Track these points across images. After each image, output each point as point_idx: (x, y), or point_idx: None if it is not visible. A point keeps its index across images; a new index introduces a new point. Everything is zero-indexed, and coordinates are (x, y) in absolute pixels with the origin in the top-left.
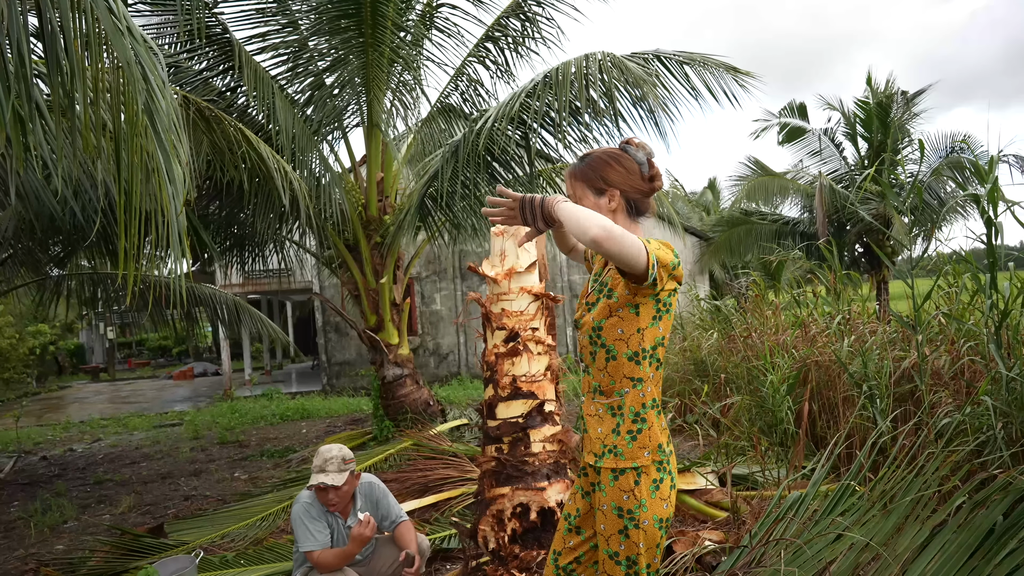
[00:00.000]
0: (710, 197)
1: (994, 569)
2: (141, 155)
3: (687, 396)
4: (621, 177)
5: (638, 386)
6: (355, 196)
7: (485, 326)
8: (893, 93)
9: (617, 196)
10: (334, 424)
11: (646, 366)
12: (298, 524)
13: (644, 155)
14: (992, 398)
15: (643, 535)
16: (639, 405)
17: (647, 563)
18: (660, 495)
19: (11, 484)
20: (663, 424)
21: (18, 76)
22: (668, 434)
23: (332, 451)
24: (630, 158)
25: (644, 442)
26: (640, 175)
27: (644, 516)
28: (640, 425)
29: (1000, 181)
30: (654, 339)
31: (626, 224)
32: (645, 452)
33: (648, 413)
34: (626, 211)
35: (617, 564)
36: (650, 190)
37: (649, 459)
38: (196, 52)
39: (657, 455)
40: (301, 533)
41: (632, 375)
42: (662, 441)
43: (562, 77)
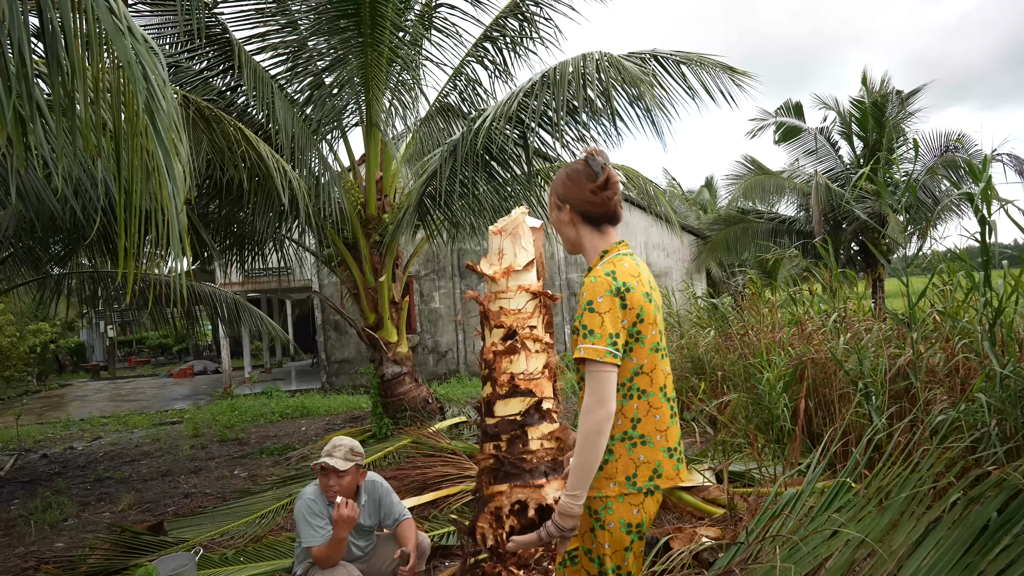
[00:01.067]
0: (707, 196)
1: (988, 565)
2: (141, 154)
3: (684, 393)
4: (571, 191)
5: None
6: (354, 195)
7: (483, 324)
8: (888, 92)
9: (568, 209)
10: (333, 422)
11: (617, 399)
12: (300, 520)
13: (599, 164)
14: (986, 395)
15: (608, 536)
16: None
17: (616, 564)
18: (630, 500)
19: (11, 482)
20: (638, 457)
21: (19, 76)
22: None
23: (343, 440)
24: (581, 171)
25: (610, 473)
26: (587, 187)
27: (610, 519)
28: (607, 456)
29: (994, 180)
30: (628, 371)
31: (588, 233)
32: (611, 484)
33: (617, 445)
34: (583, 221)
35: (591, 560)
36: (601, 200)
37: (615, 491)
38: (196, 52)
39: (625, 487)
40: (303, 528)
41: None
42: (637, 472)
43: (560, 77)
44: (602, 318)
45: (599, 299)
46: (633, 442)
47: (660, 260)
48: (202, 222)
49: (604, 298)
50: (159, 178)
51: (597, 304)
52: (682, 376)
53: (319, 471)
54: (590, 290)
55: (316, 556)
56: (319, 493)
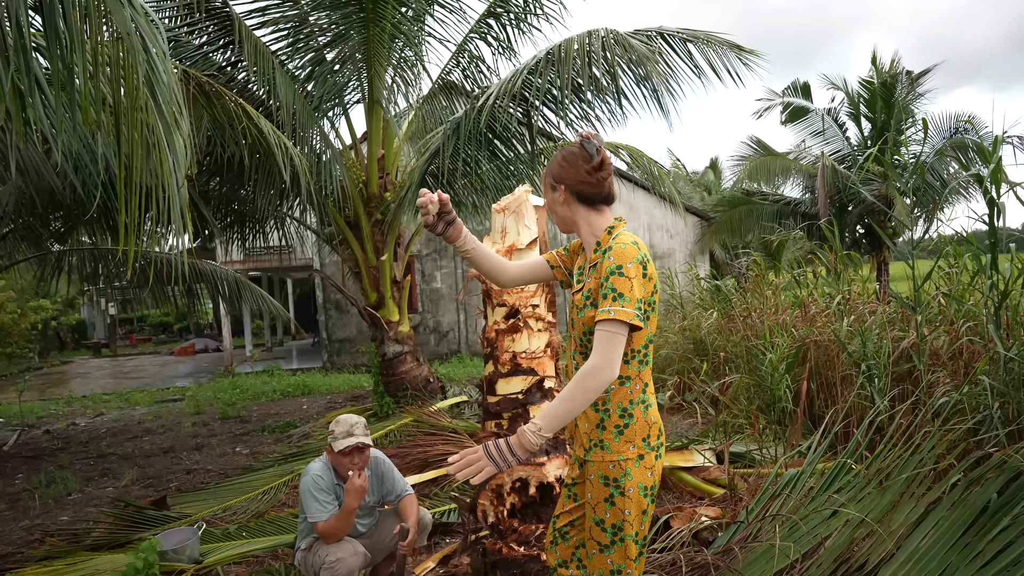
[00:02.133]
0: (712, 177)
1: (987, 545)
2: (141, 128)
3: (686, 375)
4: (565, 172)
5: (626, 384)
6: (356, 173)
7: (486, 303)
8: (898, 73)
9: (563, 190)
10: (335, 400)
11: (634, 365)
12: (307, 495)
13: (593, 146)
14: (990, 378)
15: (630, 502)
16: (627, 402)
17: (635, 530)
18: (644, 464)
19: (15, 457)
20: (650, 418)
21: (17, 48)
22: (659, 423)
23: (353, 418)
24: (577, 153)
25: (631, 436)
26: (583, 168)
27: (629, 484)
28: (627, 420)
29: (1003, 162)
30: (643, 339)
31: (585, 213)
32: (631, 447)
33: (635, 409)
34: (578, 201)
35: (603, 531)
36: (595, 181)
37: (634, 453)
38: (196, 26)
39: (643, 448)
40: (310, 503)
41: (621, 373)
42: (649, 433)
43: (565, 54)
44: (631, 283)
45: (628, 264)
46: (647, 405)
47: (663, 241)
48: (203, 199)
49: (632, 264)
50: (159, 153)
51: (627, 269)
52: (684, 357)
53: (347, 452)
54: (619, 255)
55: (323, 531)
56: (325, 469)
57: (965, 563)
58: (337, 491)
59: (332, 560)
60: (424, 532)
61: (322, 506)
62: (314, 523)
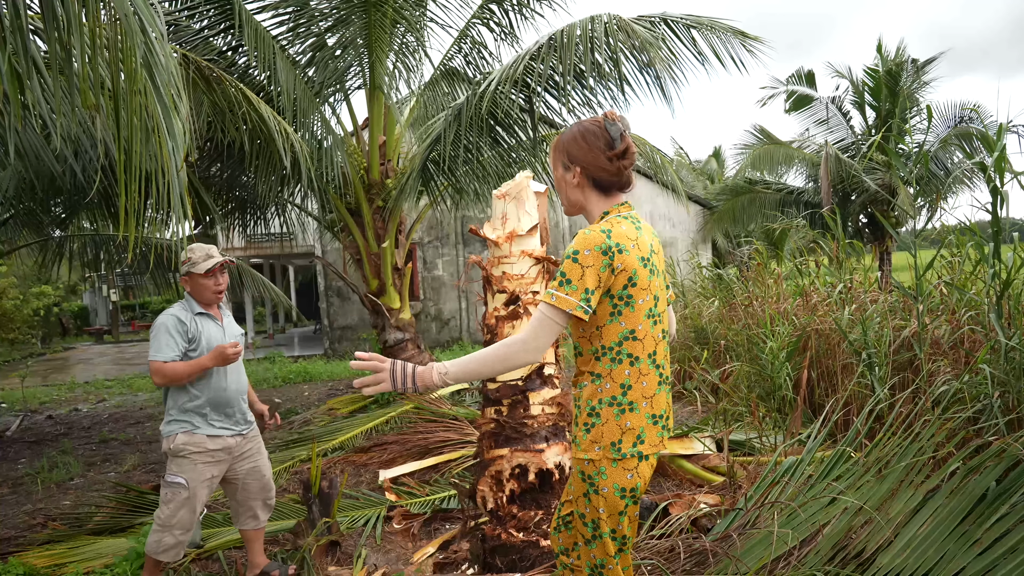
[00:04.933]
0: (715, 166)
1: (985, 533)
2: (141, 112)
3: (687, 363)
4: (584, 153)
5: (596, 381)
6: (357, 159)
7: (486, 289)
8: (904, 61)
9: (578, 172)
10: (336, 387)
11: (605, 362)
12: (160, 330)
13: (618, 130)
14: (991, 367)
15: (603, 501)
16: (595, 400)
17: (611, 528)
18: (624, 465)
19: (18, 442)
20: (625, 423)
21: (14, 30)
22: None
23: (204, 244)
24: (599, 134)
25: (596, 437)
26: (604, 153)
27: (603, 484)
28: (594, 420)
29: (1008, 151)
30: (616, 335)
31: (596, 199)
32: (596, 447)
33: (604, 409)
34: (592, 186)
35: (585, 525)
36: (616, 169)
37: (600, 455)
38: (196, 10)
39: (609, 452)
40: (160, 338)
41: (593, 370)
42: (622, 439)
43: (567, 39)
44: (583, 270)
45: (586, 251)
46: (622, 408)
47: (666, 230)
48: (204, 185)
49: (591, 252)
50: (159, 137)
51: (583, 256)
52: (685, 345)
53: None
54: (580, 241)
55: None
56: (184, 311)
57: (963, 550)
58: (193, 332)
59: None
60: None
61: (173, 345)
62: (151, 360)
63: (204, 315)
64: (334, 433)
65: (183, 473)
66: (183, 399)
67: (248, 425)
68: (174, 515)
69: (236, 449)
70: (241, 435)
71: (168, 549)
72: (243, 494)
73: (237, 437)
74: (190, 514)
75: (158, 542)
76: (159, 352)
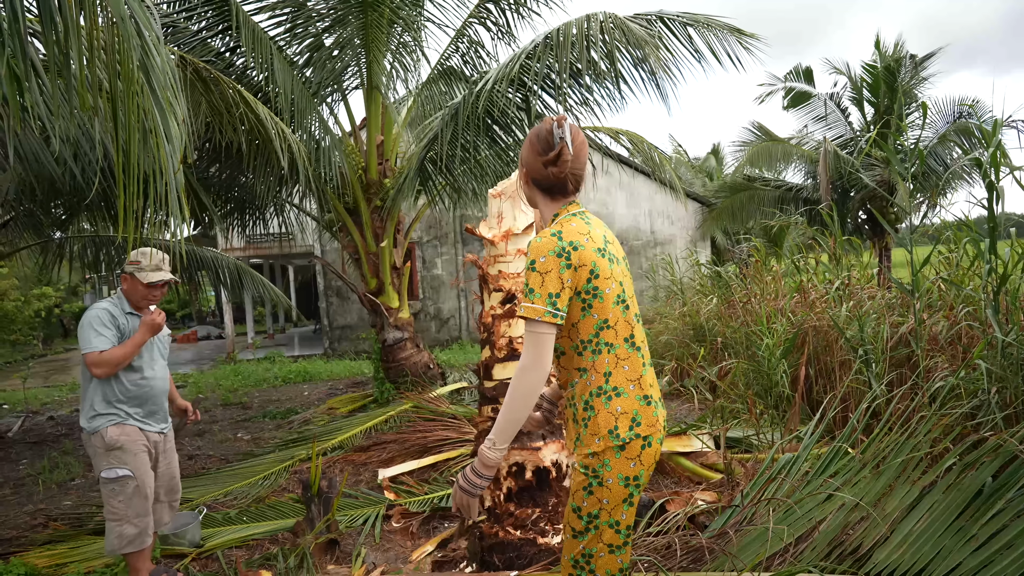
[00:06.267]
0: (714, 163)
1: (980, 529)
2: (138, 114)
3: (685, 360)
4: (527, 156)
5: (583, 376)
6: (355, 159)
7: (482, 288)
8: (902, 57)
9: (524, 173)
10: (335, 386)
11: (588, 356)
12: (87, 328)
13: (557, 136)
14: (988, 362)
15: (607, 492)
16: (587, 394)
17: (614, 519)
18: (626, 454)
19: (19, 443)
20: (615, 408)
21: (12, 33)
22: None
23: (159, 253)
24: (542, 139)
25: (595, 429)
26: (540, 158)
27: (608, 475)
28: (590, 413)
29: (1009, 146)
30: (592, 327)
31: (543, 201)
32: (596, 439)
33: (595, 400)
34: (537, 188)
35: (579, 518)
36: (549, 175)
37: (601, 445)
38: (193, 11)
39: (609, 440)
40: (87, 334)
41: (578, 366)
42: (617, 424)
43: (563, 38)
44: (543, 277)
45: (541, 259)
46: (608, 396)
47: (664, 227)
48: (203, 186)
49: (547, 258)
50: (156, 138)
51: (539, 264)
52: (683, 343)
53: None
54: (534, 250)
55: (99, 360)
56: (114, 306)
57: (959, 546)
58: (123, 327)
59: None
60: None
61: (103, 337)
62: (87, 353)
63: (134, 315)
64: (333, 432)
65: (126, 464)
66: (109, 392)
67: (168, 424)
68: (128, 504)
69: (158, 447)
70: (162, 433)
71: (131, 540)
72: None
73: (160, 435)
74: (143, 502)
75: (120, 536)
76: (91, 344)
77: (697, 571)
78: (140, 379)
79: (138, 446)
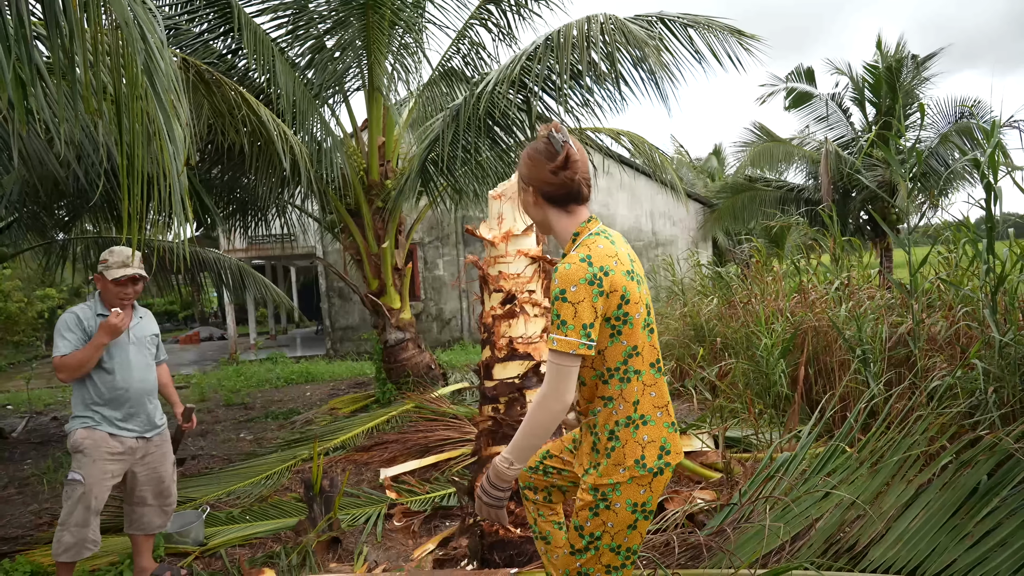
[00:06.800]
0: (715, 164)
1: (975, 527)
2: (142, 117)
3: (685, 360)
4: (532, 171)
5: (608, 404)
6: (356, 160)
7: (482, 288)
8: (904, 57)
9: (532, 191)
10: (337, 387)
11: (614, 384)
12: (60, 330)
13: (559, 141)
14: (986, 362)
15: (613, 516)
16: (612, 423)
17: (616, 543)
18: (638, 482)
19: (24, 443)
20: (642, 438)
21: (18, 37)
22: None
23: (127, 250)
24: (542, 151)
25: (619, 459)
26: (547, 166)
27: (616, 499)
28: (615, 443)
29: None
30: (620, 355)
31: (555, 214)
32: (620, 469)
33: (622, 431)
34: (548, 203)
35: (580, 536)
36: (561, 181)
37: (625, 475)
38: (195, 14)
39: (635, 471)
40: (57, 339)
41: (603, 395)
42: (644, 453)
43: (563, 40)
44: (575, 308)
45: (572, 288)
46: (635, 425)
47: (666, 228)
48: (205, 188)
49: (578, 287)
50: (160, 141)
51: (571, 293)
52: (683, 343)
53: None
54: (563, 278)
55: (60, 364)
56: (86, 308)
57: (953, 543)
58: (90, 329)
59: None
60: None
61: (71, 339)
62: (53, 358)
63: (104, 316)
64: (335, 432)
65: (81, 469)
66: (86, 395)
67: (156, 429)
68: (71, 513)
69: (139, 451)
70: (145, 438)
71: (68, 549)
72: (138, 498)
73: (141, 440)
74: (85, 512)
75: (58, 542)
76: (56, 348)
77: (695, 568)
78: (113, 381)
79: (100, 452)
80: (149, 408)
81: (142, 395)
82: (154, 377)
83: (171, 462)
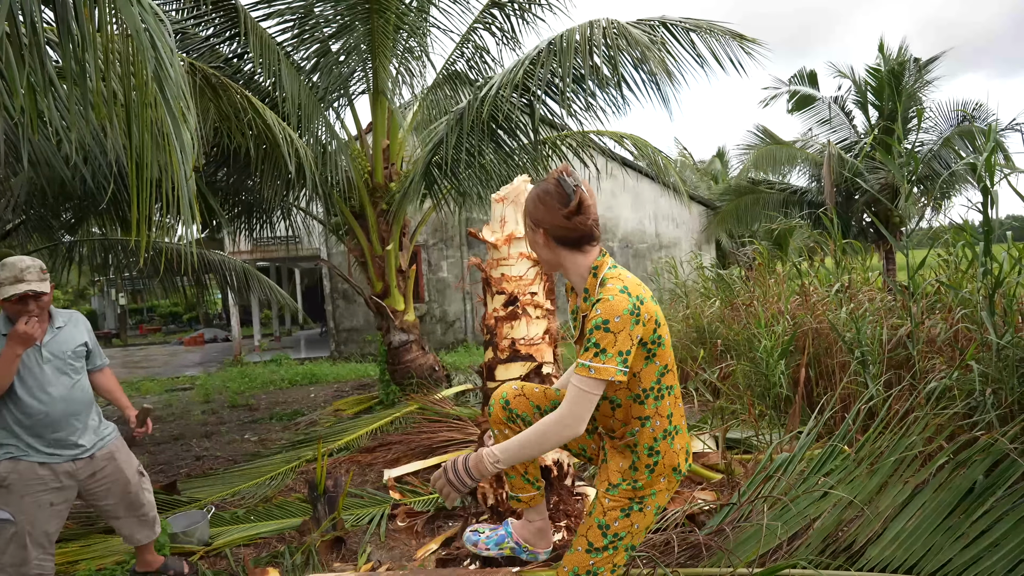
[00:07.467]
0: (719, 166)
1: (970, 526)
2: (151, 124)
3: (686, 362)
4: (544, 215)
5: (647, 423)
6: (361, 163)
7: (485, 290)
8: (906, 60)
9: (543, 233)
10: (342, 388)
11: (650, 404)
12: None
13: (571, 186)
14: (983, 364)
15: (643, 518)
16: (651, 440)
17: (633, 544)
18: (667, 487)
19: None
20: (677, 446)
21: (31, 45)
22: (686, 446)
23: (26, 260)
24: (554, 193)
25: (661, 471)
26: (560, 212)
27: (651, 503)
28: (656, 458)
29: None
30: (654, 374)
31: (568, 254)
32: (662, 479)
33: (661, 444)
34: (561, 245)
35: (603, 536)
36: (574, 226)
37: (664, 484)
38: (202, 18)
39: (674, 477)
40: None
41: (640, 415)
42: (679, 460)
43: (567, 44)
44: (615, 337)
45: (616, 319)
46: (671, 436)
47: (669, 231)
48: (210, 190)
49: (621, 318)
50: (168, 146)
51: (614, 324)
52: (685, 345)
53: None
54: (607, 309)
55: None
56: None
57: (949, 543)
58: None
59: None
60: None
61: None
62: None
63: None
64: (340, 433)
65: (7, 506)
66: (6, 421)
67: (101, 443)
68: (2, 553)
69: (82, 472)
70: (80, 459)
71: None
72: (110, 515)
73: (80, 460)
74: (20, 550)
75: None
76: None
77: (694, 567)
78: (30, 407)
79: (30, 487)
80: (79, 428)
81: (67, 417)
82: (82, 395)
83: (135, 469)
